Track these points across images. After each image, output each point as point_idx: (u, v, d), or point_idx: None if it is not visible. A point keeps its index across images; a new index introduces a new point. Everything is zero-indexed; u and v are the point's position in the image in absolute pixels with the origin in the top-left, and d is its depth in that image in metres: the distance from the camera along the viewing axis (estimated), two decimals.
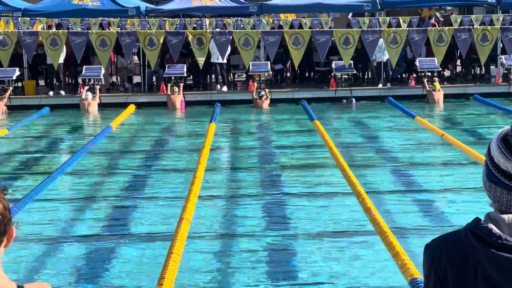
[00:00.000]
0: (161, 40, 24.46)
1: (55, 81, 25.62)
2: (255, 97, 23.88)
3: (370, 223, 9.63)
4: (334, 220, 10.53)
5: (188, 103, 24.20)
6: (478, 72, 27.95)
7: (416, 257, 8.05)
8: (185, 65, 25.33)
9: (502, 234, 2.24)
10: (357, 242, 9.54)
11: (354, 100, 24.32)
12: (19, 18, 25.12)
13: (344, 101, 24.43)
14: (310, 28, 25.51)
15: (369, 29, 25.02)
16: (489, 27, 25.13)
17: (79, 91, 24.41)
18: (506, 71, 25.72)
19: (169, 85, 24.01)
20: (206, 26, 25.52)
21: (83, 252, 9.43)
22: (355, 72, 26.02)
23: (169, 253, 8.19)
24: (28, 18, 24.96)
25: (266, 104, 23.76)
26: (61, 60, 24.92)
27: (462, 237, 2.32)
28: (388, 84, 25.50)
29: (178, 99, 23.78)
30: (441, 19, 30.30)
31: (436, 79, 24.55)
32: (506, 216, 2.29)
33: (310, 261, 8.86)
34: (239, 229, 10.29)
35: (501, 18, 25.27)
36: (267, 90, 24.26)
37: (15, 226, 2.29)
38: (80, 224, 10.70)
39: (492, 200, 2.37)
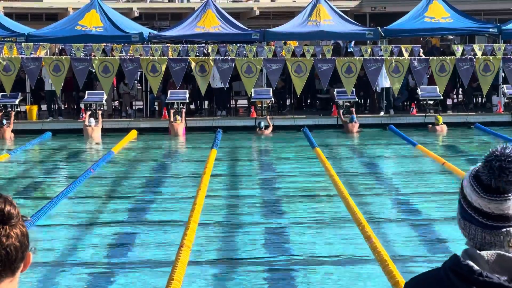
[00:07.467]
0: (164, 67, 24.51)
1: (55, 106, 25.67)
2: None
3: (370, 252, 9.60)
4: (334, 248, 10.51)
5: (189, 129, 24.21)
6: (479, 101, 27.99)
7: None
8: (187, 91, 25.37)
9: (482, 271, 2.21)
10: (357, 270, 9.51)
11: (355, 117, 24.01)
12: (23, 44, 25.20)
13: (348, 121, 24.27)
14: (312, 55, 25.56)
15: (371, 57, 25.06)
16: (491, 57, 25.16)
17: (81, 116, 24.44)
18: (507, 101, 25.75)
19: (171, 111, 23.99)
20: (208, 50, 25.54)
21: (82, 278, 9.40)
22: (357, 99, 26.02)
23: (169, 279, 8.16)
24: (32, 44, 25.04)
25: (268, 132, 23.66)
26: None
27: (442, 275, 2.28)
28: (391, 111, 25.53)
29: (180, 125, 23.79)
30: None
31: (441, 117, 24.08)
32: (484, 253, 2.25)
33: None
34: (240, 256, 10.27)
35: (502, 48, 25.31)
36: (268, 117, 24.24)
37: (32, 252, 2.24)
38: (79, 250, 10.68)
39: (467, 238, 2.34)
